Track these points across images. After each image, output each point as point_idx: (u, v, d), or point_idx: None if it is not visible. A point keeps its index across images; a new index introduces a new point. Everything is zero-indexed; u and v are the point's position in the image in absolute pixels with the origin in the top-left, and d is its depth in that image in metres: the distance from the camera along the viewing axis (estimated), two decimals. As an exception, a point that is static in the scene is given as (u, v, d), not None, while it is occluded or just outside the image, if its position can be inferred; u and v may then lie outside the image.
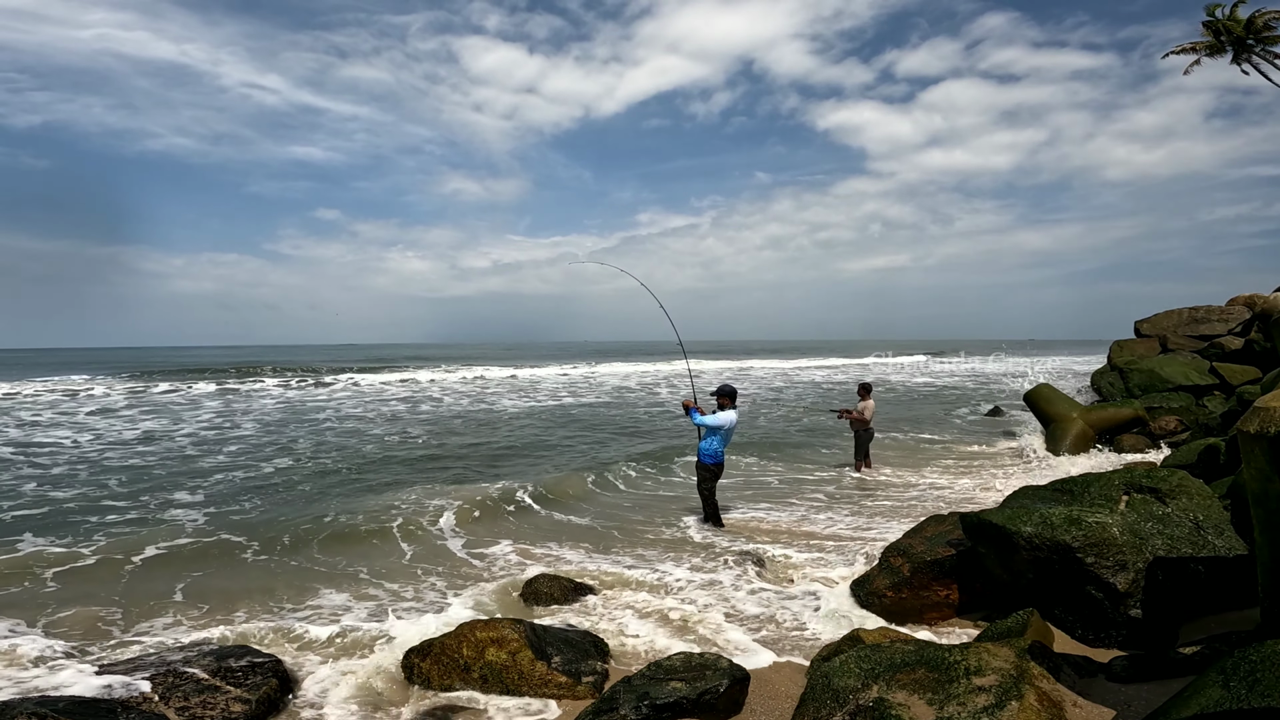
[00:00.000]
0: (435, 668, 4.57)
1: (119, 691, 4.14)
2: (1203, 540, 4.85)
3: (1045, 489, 5.84)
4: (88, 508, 9.78)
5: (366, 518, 9.28)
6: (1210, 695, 2.76)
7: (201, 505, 10.01)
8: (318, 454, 14.48)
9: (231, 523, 9.11)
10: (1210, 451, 8.48)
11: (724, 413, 8.82)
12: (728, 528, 8.79)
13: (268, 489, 11.17)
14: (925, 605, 5.56)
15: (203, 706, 4.09)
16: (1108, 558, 4.70)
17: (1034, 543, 4.90)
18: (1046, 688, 3.39)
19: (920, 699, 3.31)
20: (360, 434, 17.68)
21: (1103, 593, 4.67)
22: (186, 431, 17.96)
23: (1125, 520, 4.94)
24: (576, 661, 4.63)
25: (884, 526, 8.67)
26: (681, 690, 3.88)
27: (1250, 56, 33.77)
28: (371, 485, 11.44)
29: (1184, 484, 5.35)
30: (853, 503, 10.26)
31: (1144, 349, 19.17)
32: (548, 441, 16.60)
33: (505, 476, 12.10)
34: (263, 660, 4.60)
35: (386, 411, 23.02)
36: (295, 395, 29.63)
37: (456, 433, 18.00)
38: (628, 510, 10.00)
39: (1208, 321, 19.04)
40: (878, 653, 3.71)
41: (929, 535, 6.06)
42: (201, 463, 13.40)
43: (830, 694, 3.52)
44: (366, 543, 8.29)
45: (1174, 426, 13.99)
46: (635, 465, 13.07)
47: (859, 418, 12.14)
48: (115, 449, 15.06)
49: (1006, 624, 4.34)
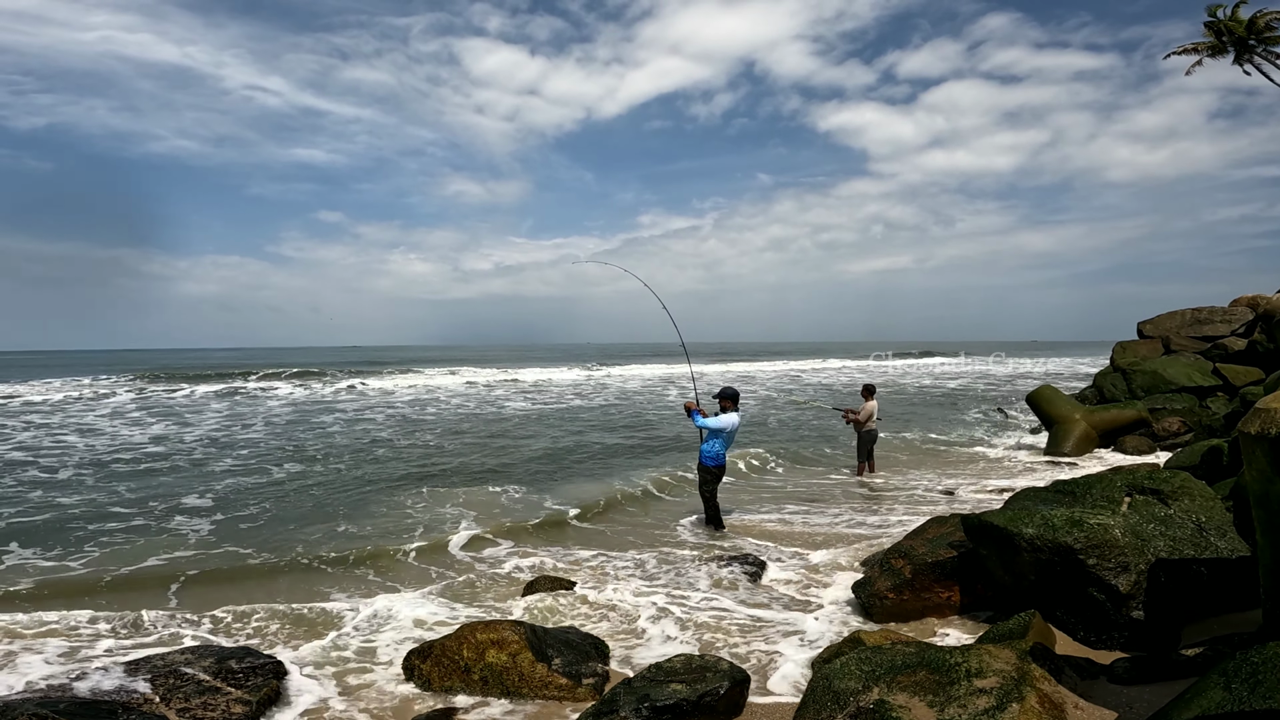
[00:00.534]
0: (436, 669, 4.57)
1: (120, 693, 4.15)
2: (1205, 542, 4.83)
3: (1047, 490, 5.83)
4: (93, 514, 9.79)
5: (374, 522, 9.30)
6: (1212, 697, 2.75)
7: (209, 510, 10.03)
8: (327, 458, 14.48)
9: (238, 528, 9.13)
10: (1213, 453, 8.46)
11: (726, 415, 8.82)
12: (729, 530, 8.78)
13: (277, 494, 11.18)
14: (927, 607, 5.54)
15: (203, 708, 4.09)
16: (1110, 559, 4.69)
17: (1036, 544, 4.89)
18: (1048, 689, 3.38)
19: (921, 701, 3.30)
20: (370, 437, 17.71)
21: (1105, 594, 4.66)
22: (196, 435, 17.99)
23: (1127, 522, 4.93)
24: (577, 663, 4.63)
25: (885, 528, 8.65)
26: (682, 692, 3.87)
27: (1252, 57, 33.74)
28: (380, 489, 11.45)
29: (1186, 485, 5.33)
30: (854, 505, 10.25)
31: (1147, 350, 19.15)
32: (552, 445, 16.61)
33: (511, 481, 12.12)
34: (264, 662, 4.60)
35: (395, 415, 23.04)
36: (303, 396, 29.71)
37: (463, 436, 18.00)
38: (630, 513, 10.00)
39: (1211, 323, 19.02)
40: (879, 655, 3.70)
41: (930, 537, 6.04)
42: (210, 466, 13.42)
43: (831, 696, 3.51)
44: (372, 545, 8.29)
45: (1177, 428, 13.96)
46: (638, 468, 13.06)
47: (860, 419, 12.14)
48: (125, 451, 15.10)
49: (1008, 626, 4.33)
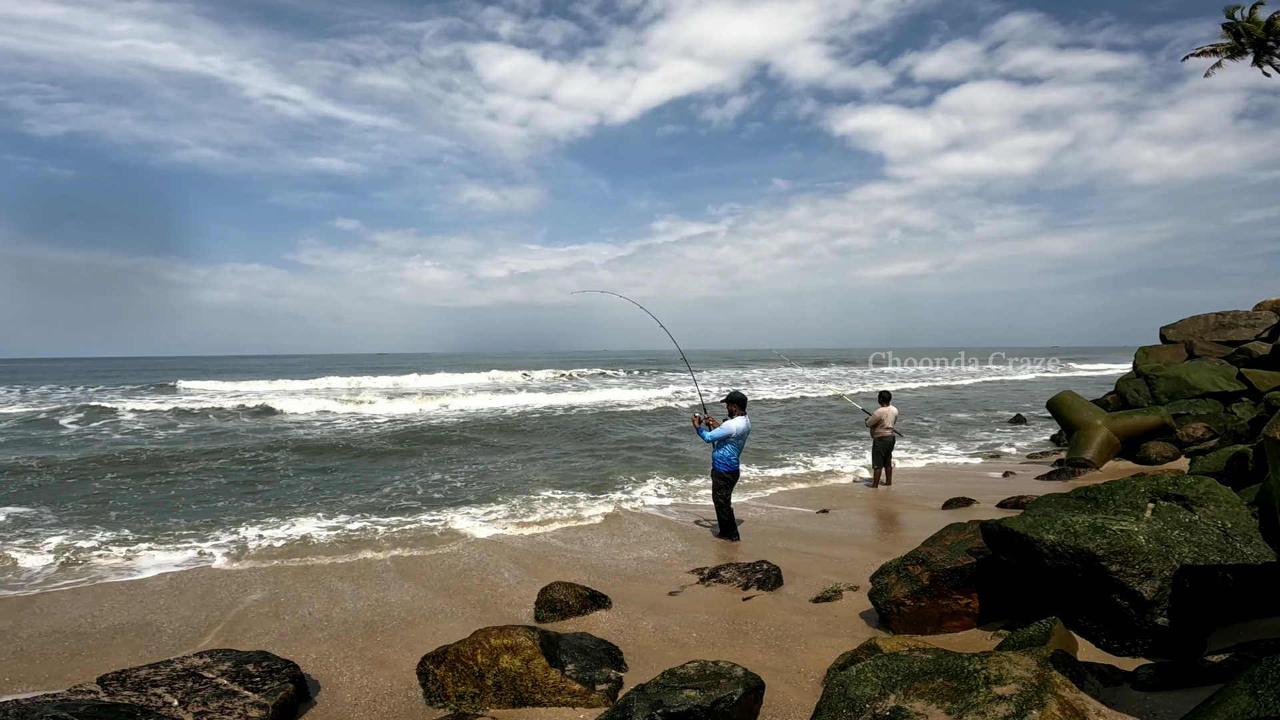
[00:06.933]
0: (450, 674, 4.56)
1: (138, 696, 4.18)
2: (1231, 548, 4.73)
3: (1068, 496, 5.73)
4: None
5: (387, 528, 9.35)
6: (1238, 703, 2.69)
7: (252, 513, 10.13)
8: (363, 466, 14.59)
9: (250, 535, 9.21)
10: (1239, 458, 8.29)
11: (731, 421, 8.75)
12: (743, 536, 8.73)
13: (286, 498, 11.28)
14: (945, 614, 5.46)
15: (220, 712, 4.11)
16: (1133, 566, 4.60)
17: (1057, 551, 4.81)
18: (1069, 696, 3.31)
19: (939, 708, 3.25)
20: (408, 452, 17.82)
21: (1128, 601, 4.57)
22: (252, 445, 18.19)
23: (1151, 528, 4.83)
24: (590, 669, 4.61)
25: (903, 535, 8.56)
26: (695, 699, 3.83)
27: (1271, 58, 33.25)
28: (399, 503, 11.52)
29: (1211, 491, 5.22)
30: (871, 511, 10.15)
31: (1170, 355, 18.87)
32: (567, 453, 16.63)
33: (524, 488, 12.14)
34: (280, 665, 4.63)
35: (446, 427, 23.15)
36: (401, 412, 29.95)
37: (485, 449, 18.07)
38: (644, 520, 9.97)
39: (1235, 327, 18.72)
40: (895, 661, 3.64)
41: (949, 543, 5.96)
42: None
43: (846, 703, 3.46)
44: (394, 554, 8.33)
45: (1202, 434, 13.72)
46: (653, 477, 13.04)
47: (869, 423, 12.12)
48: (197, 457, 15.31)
49: (1028, 632, 4.26)
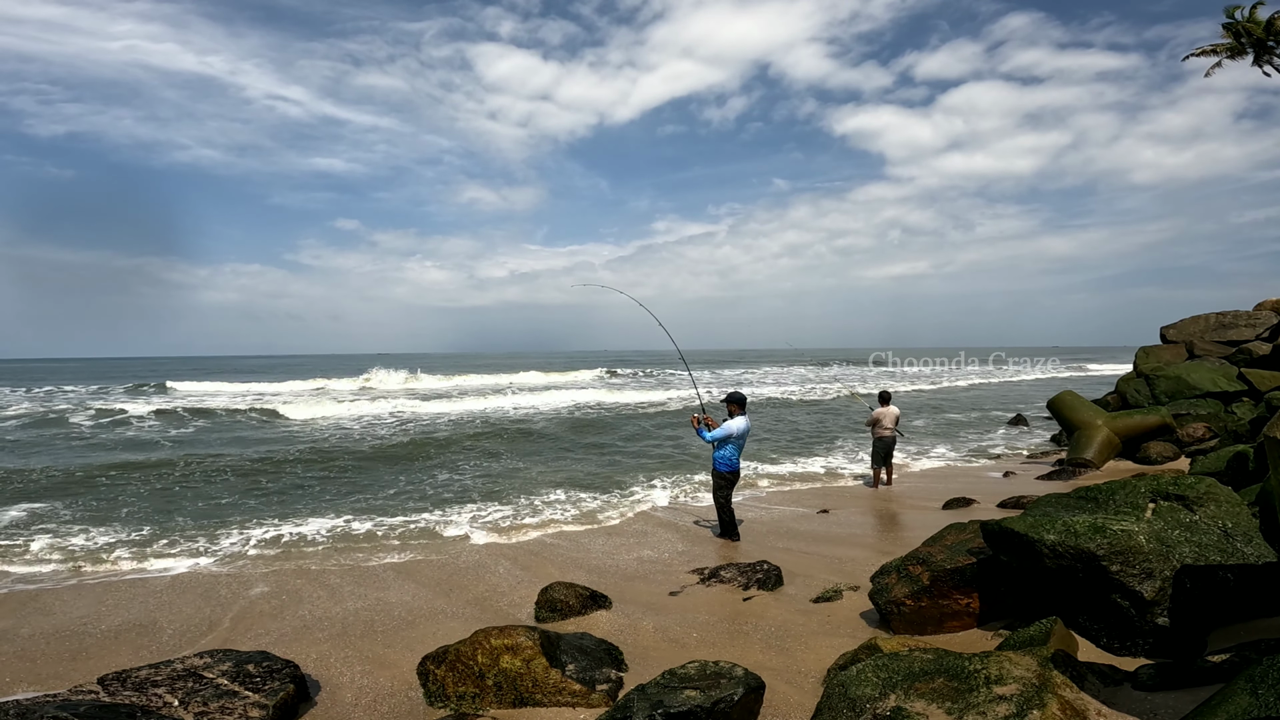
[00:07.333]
0: (450, 674, 4.56)
1: (139, 697, 4.18)
2: (1231, 548, 4.73)
3: (1069, 496, 5.73)
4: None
5: (389, 529, 9.35)
6: (1238, 703, 2.69)
7: (253, 514, 10.13)
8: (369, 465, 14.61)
9: (252, 535, 9.21)
10: (1239, 458, 8.29)
11: (731, 421, 8.75)
12: (743, 536, 8.72)
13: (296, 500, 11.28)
14: (945, 614, 5.46)
15: (221, 712, 4.11)
16: (1134, 566, 4.60)
17: (1057, 551, 4.81)
18: (1070, 696, 3.31)
19: (939, 708, 3.25)
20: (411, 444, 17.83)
21: (1129, 601, 4.57)
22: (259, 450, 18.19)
23: (1151, 528, 4.83)
24: (591, 669, 4.61)
25: (903, 535, 8.56)
26: (696, 699, 3.83)
27: (1271, 58, 33.24)
28: (399, 503, 11.52)
29: (1212, 491, 5.22)
30: (871, 511, 10.15)
31: (1170, 355, 18.87)
32: (567, 453, 16.63)
33: (524, 488, 12.14)
34: (281, 666, 4.63)
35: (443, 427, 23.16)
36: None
37: (488, 450, 18.07)
38: (644, 519, 9.96)
39: (1235, 327, 18.73)
40: (896, 661, 3.64)
41: (949, 543, 5.96)
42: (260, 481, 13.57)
43: (847, 703, 3.46)
44: (395, 554, 8.32)
45: (1202, 433, 13.72)
46: (654, 477, 13.04)
47: (875, 423, 12.08)
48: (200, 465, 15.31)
49: (1029, 632, 4.26)
